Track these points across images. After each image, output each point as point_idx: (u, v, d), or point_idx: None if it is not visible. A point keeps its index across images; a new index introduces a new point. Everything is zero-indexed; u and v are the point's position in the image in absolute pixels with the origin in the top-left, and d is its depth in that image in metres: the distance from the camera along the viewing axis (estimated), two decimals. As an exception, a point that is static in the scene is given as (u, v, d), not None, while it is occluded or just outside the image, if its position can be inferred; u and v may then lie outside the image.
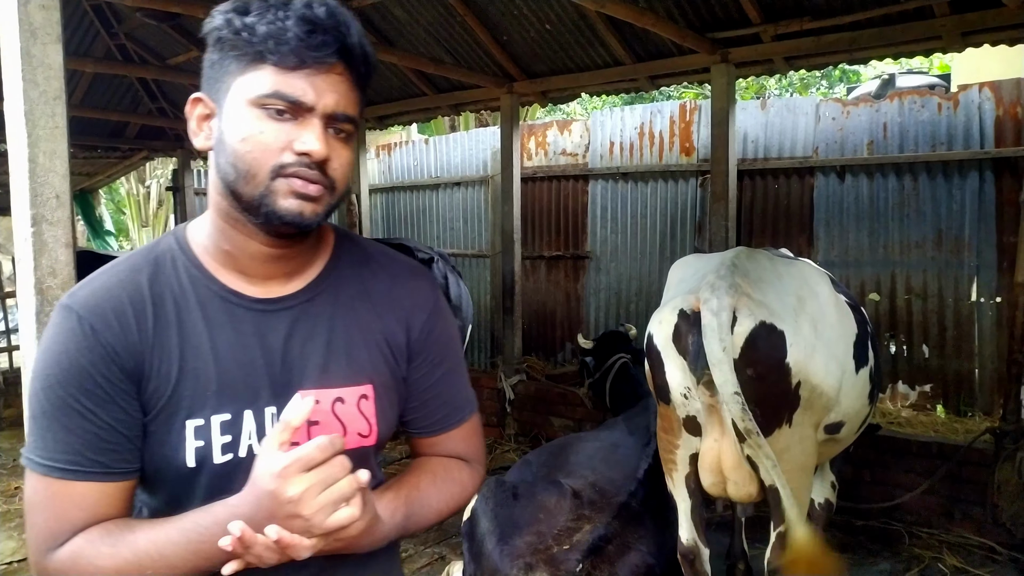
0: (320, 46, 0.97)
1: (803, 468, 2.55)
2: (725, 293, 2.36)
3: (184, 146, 9.11)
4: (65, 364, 1.00)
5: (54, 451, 0.99)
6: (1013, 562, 3.79)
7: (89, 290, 1.05)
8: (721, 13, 4.59)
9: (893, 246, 5.35)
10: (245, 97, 0.99)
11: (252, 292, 1.09)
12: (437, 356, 1.21)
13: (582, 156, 7.01)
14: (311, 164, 0.99)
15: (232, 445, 1.05)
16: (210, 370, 1.04)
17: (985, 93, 5.01)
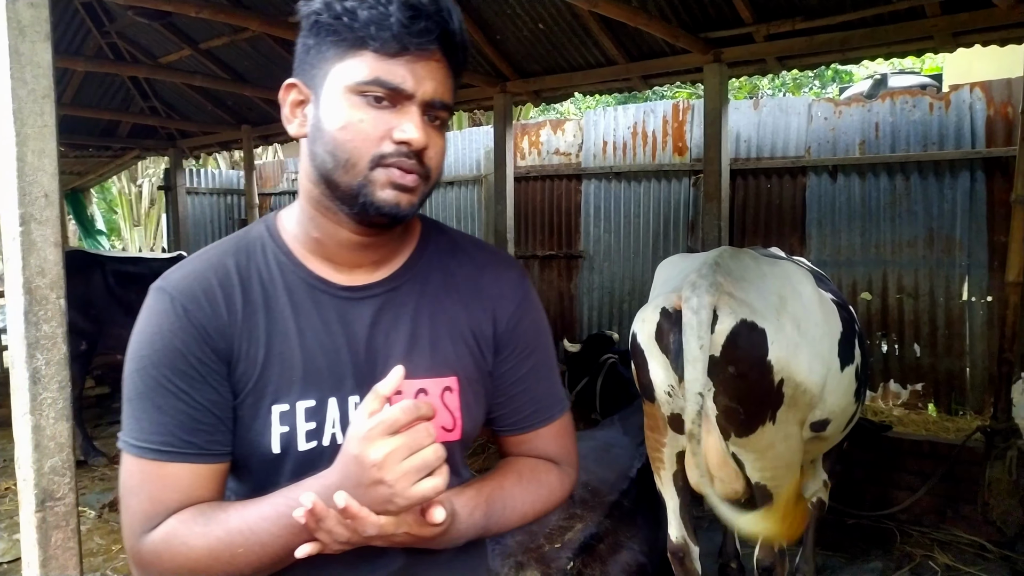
0: (422, 32, 0.96)
1: (788, 465, 2.57)
2: (706, 292, 2.39)
3: (176, 145, 9.09)
4: (158, 345, 1.00)
5: (148, 432, 0.99)
6: (1004, 560, 3.81)
7: (181, 273, 1.05)
8: (714, 13, 4.60)
9: (885, 245, 5.37)
10: (344, 84, 0.97)
11: (338, 280, 1.08)
12: (525, 349, 1.16)
13: (575, 155, 7.01)
14: (409, 153, 0.98)
15: (316, 433, 1.04)
16: (296, 356, 1.03)
17: (976, 93, 5.04)
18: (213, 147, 9.23)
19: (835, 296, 2.91)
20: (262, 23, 4.52)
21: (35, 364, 1.64)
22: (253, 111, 7.76)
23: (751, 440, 2.47)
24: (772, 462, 2.52)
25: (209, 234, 10.23)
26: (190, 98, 7.84)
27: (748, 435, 2.46)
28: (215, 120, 8.16)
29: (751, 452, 2.51)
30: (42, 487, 1.65)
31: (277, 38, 5.79)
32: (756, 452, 2.51)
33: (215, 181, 10.47)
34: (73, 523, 1.72)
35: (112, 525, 4.44)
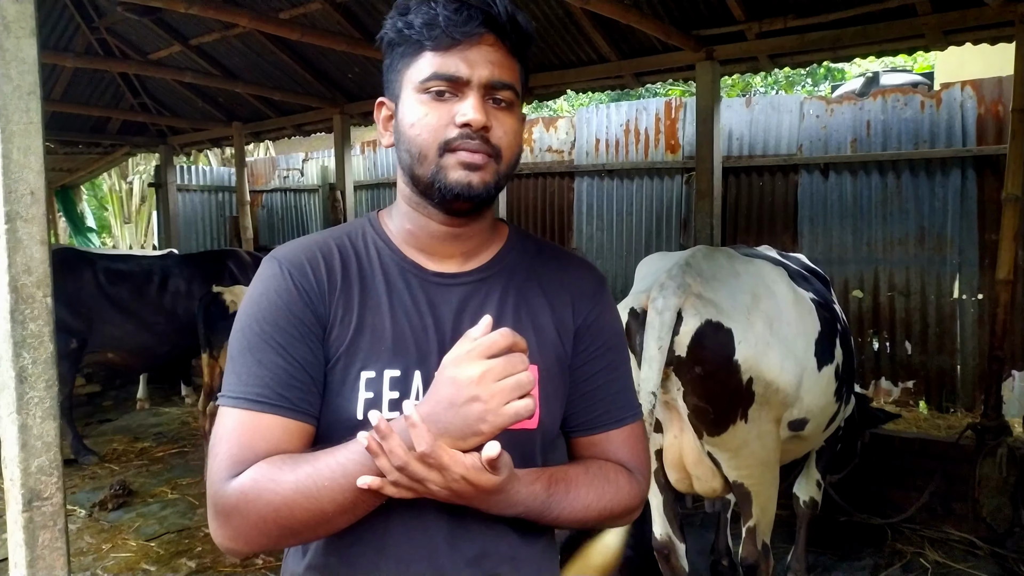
0: (467, 21, 1.03)
1: (764, 463, 2.58)
2: (672, 293, 2.45)
3: (166, 142, 9.04)
4: (264, 304, 1.08)
5: (247, 384, 1.05)
6: (993, 556, 3.83)
7: (291, 246, 1.16)
8: (705, 10, 4.60)
9: (876, 243, 5.38)
10: (411, 86, 1.07)
11: (430, 267, 1.15)
12: (599, 347, 1.20)
13: (568, 153, 7.01)
14: (472, 134, 1.04)
15: (399, 403, 1.07)
16: (386, 327, 1.10)
17: (967, 91, 5.05)
18: (204, 144, 9.18)
19: (817, 295, 2.91)
20: (252, 19, 4.49)
21: (22, 363, 1.63)
22: (244, 107, 7.72)
23: (723, 439, 2.50)
24: (747, 460, 2.54)
25: (200, 231, 10.19)
26: (180, 94, 7.79)
27: (720, 434, 2.49)
28: (206, 116, 8.12)
29: (725, 451, 2.53)
30: (29, 487, 1.64)
31: (268, 34, 5.76)
32: (730, 451, 2.52)
33: (206, 178, 10.42)
34: (60, 523, 1.71)
35: (102, 524, 4.42)
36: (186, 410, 6.98)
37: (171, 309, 5.85)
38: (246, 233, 7.92)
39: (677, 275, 2.51)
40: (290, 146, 11.15)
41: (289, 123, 7.55)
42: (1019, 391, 4.87)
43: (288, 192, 9.80)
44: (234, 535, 1.01)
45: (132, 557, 3.97)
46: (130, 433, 6.31)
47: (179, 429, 6.41)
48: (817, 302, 2.85)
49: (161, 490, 4.96)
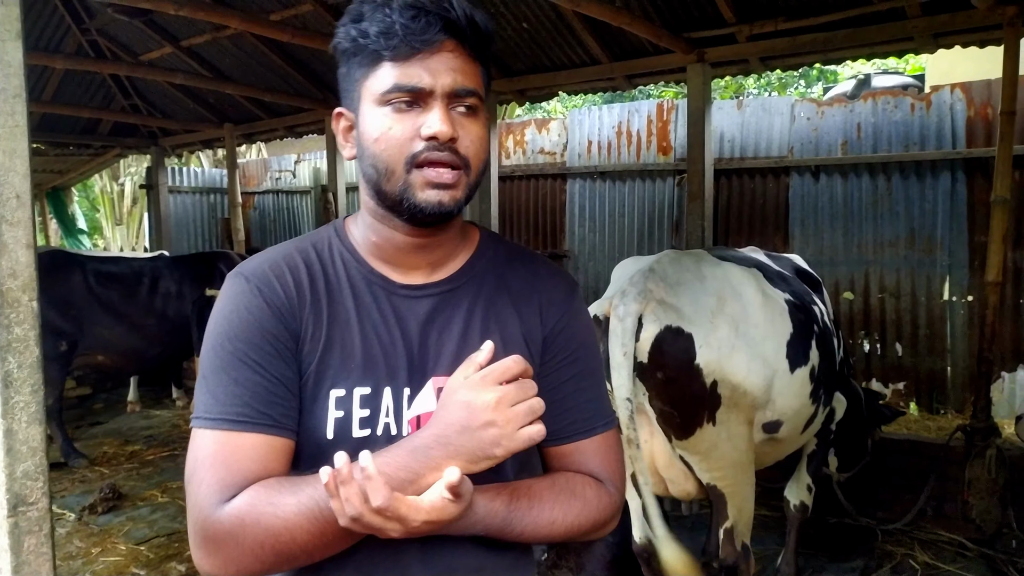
0: (425, 28, 0.99)
1: (736, 464, 2.59)
2: (633, 299, 2.47)
3: (157, 143, 9.01)
4: (235, 320, 1.05)
5: (224, 404, 1.02)
6: (983, 558, 3.84)
7: (256, 261, 1.12)
8: (697, 13, 4.61)
9: (867, 245, 5.40)
10: (372, 98, 1.03)
11: (397, 279, 1.12)
12: (568, 356, 1.17)
13: (560, 155, 7.01)
14: (440, 147, 1.00)
15: (370, 420, 1.06)
16: (356, 344, 1.07)
17: (957, 94, 5.08)
18: (195, 145, 9.16)
19: (794, 297, 2.89)
20: (242, 21, 4.48)
21: (7, 367, 1.62)
22: (236, 109, 7.70)
23: (692, 442, 2.51)
24: (718, 462, 2.55)
25: (192, 233, 10.16)
26: (172, 96, 7.77)
27: (688, 437, 2.50)
28: (197, 118, 8.09)
29: (695, 454, 2.55)
30: (14, 492, 1.63)
31: (259, 36, 5.75)
32: (699, 454, 2.54)
33: (198, 180, 10.39)
34: (46, 528, 1.69)
35: (91, 528, 4.39)
36: (177, 413, 6.95)
37: (162, 311, 5.83)
38: (238, 235, 7.90)
39: (639, 281, 2.54)
40: (282, 147, 11.13)
41: (281, 124, 7.53)
42: (1008, 393, 4.89)
43: (280, 194, 9.77)
44: (224, 563, 0.98)
45: (121, 561, 3.94)
46: (121, 436, 6.28)
47: (170, 432, 6.39)
48: (792, 303, 2.83)
49: (151, 493, 4.93)
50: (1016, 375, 4.87)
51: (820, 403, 2.96)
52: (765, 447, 2.78)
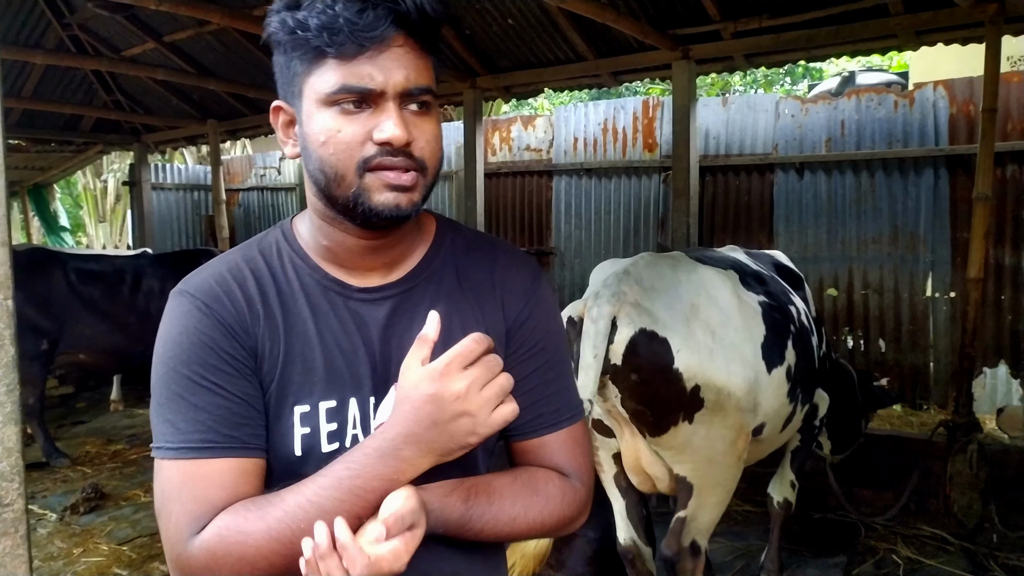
0: (374, 24, 0.92)
1: (710, 461, 2.58)
2: (606, 302, 2.47)
3: (140, 140, 8.93)
4: (185, 343, 0.98)
5: (185, 432, 0.96)
6: (964, 552, 3.87)
7: (200, 276, 1.05)
8: (682, 10, 4.61)
9: (850, 242, 5.43)
10: (316, 98, 0.95)
11: (353, 282, 1.06)
12: (533, 347, 1.11)
13: (546, 152, 7.00)
14: (394, 151, 0.94)
15: (338, 434, 1.02)
16: (316, 356, 1.02)
17: (939, 91, 5.11)
18: (179, 142, 9.08)
19: (769, 298, 2.88)
20: (225, 16, 4.44)
21: (-20, 367, 1.59)
22: (219, 105, 7.64)
23: (664, 439, 2.52)
24: (692, 456, 2.55)
25: (175, 230, 10.08)
26: (154, 92, 7.70)
27: (661, 435, 2.51)
28: (180, 114, 8.03)
29: (667, 449, 2.56)
30: (-11, 493, 1.61)
31: (243, 31, 5.70)
32: (672, 449, 2.55)
33: (181, 176, 10.31)
34: (23, 530, 1.67)
35: (73, 528, 4.35)
36: (161, 411, 6.89)
37: (145, 309, 5.78)
38: (222, 232, 7.85)
39: (613, 284, 2.53)
40: (267, 144, 11.05)
41: (265, 121, 7.42)
42: (990, 388, 4.94)
43: (265, 191, 9.72)
44: None
45: (104, 561, 3.91)
46: (103, 435, 6.23)
47: (153, 431, 6.33)
48: (767, 304, 2.83)
49: (134, 493, 4.89)
50: (997, 371, 4.91)
51: (798, 402, 2.96)
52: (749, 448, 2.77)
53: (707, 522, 2.65)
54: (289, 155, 1.05)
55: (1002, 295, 4.86)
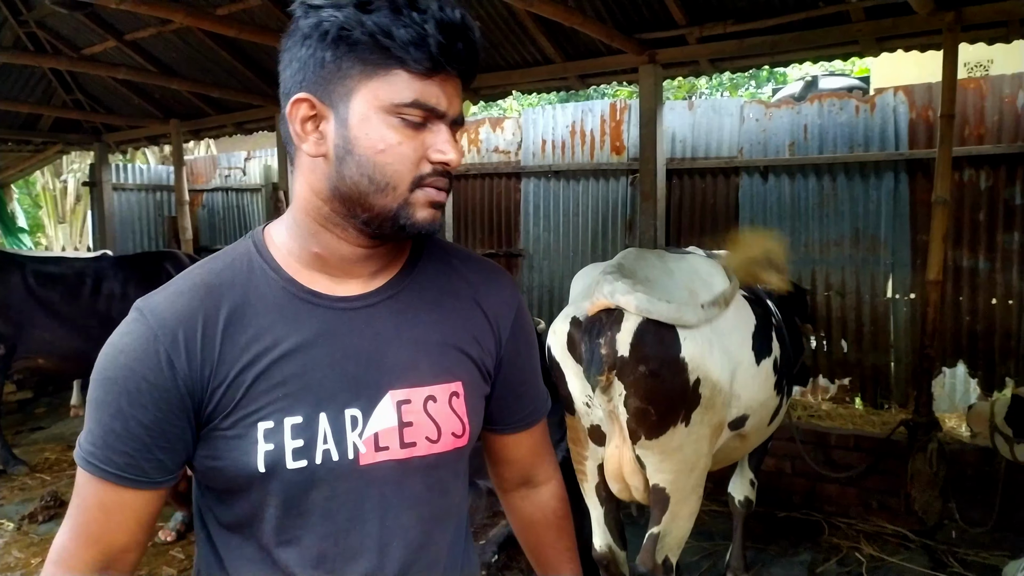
0: (458, 55, 0.95)
1: (692, 468, 2.53)
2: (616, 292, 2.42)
3: (101, 139, 8.76)
4: (120, 363, 0.99)
5: (91, 443, 1.00)
6: (924, 548, 3.95)
7: (163, 295, 1.03)
8: (648, 14, 4.64)
9: (813, 244, 5.51)
10: (379, 104, 0.95)
11: (332, 291, 1.05)
12: (524, 353, 1.23)
13: (514, 154, 7.01)
14: (445, 172, 1.00)
15: (305, 451, 1.00)
16: (282, 371, 1.01)
17: (899, 97, 5.20)
18: (141, 142, 8.92)
19: (747, 291, 2.89)
20: (188, 15, 4.37)
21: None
22: (182, 104, 7.53)
23: (660, 442, 2.43)
24: (677, 464, 2.48)
25: (137, 232, 9.90)
26: (116, 91, 7.56)
27: (658, 437, 2.42)
28: (142, 114, 7.89)
29: (656, 454, 2.46)
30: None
31: (206, 30, 5.62)
32: (662, 454, 2.46)
33: (143, 177, 10.12)
34: (-24, 542, 1.63)
35: (32, 538, 4.25)
36: (123, 416, 6.76)
37: (106, 313, 5.66)
38: (185, 234, 7.73)
39: (612, 273, 2.46)
40: (232, 144, 10.90)
41: (230, 121, 7.38)
42: (949, 388, 5.04)
43: (230, 191, 9.58)
44: None
45: (63, 571, 3.82)
46: (63, 441, 6.10)
47: (115, 436, 6.21)
48: (748, 297, 2.84)
49: (95, 500, 4.79)
50: (956, 370, 5.02)
51: (784, 394, 2.96)
52: (732, 443, 2.74)
53: (679, 537, 2.59)
54: (310, 152, 1.00)
55: (960, 296, 4.97)
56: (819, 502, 4.50)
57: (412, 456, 1.05)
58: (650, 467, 2.50)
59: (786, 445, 4.57)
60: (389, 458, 1.04)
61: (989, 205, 4.87)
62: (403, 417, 1.03)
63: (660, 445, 2.45)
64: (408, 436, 1.03)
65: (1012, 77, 4.87)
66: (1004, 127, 4.81)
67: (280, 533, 1.03)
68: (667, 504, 2.51)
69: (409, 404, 1.04)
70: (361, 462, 1.02)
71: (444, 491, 1.10)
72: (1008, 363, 4.84)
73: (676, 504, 2.52)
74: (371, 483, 1.03)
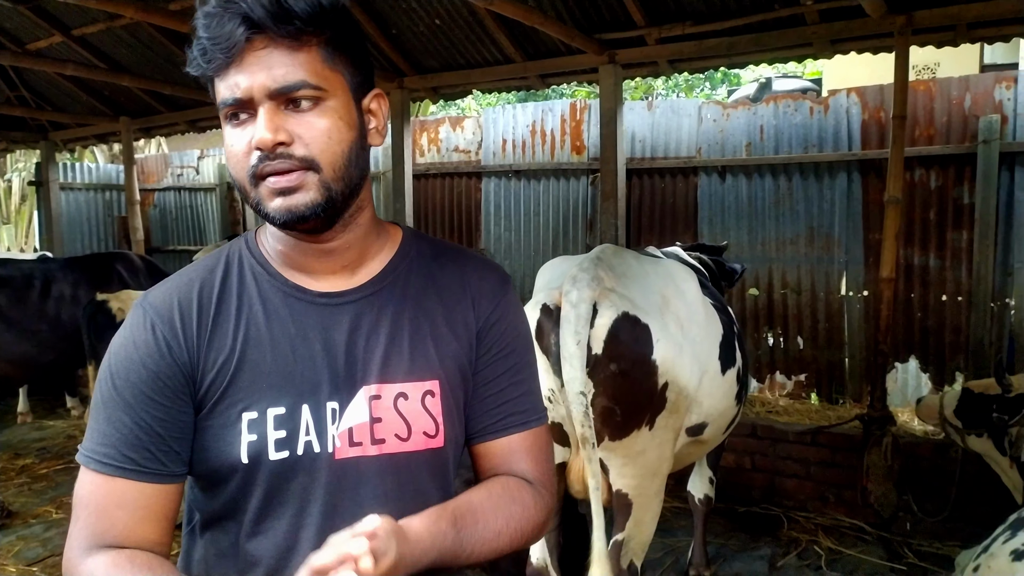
0: (228, 34, 0.93)
1: (655, 473, 2.51)
2: (586, 285, 2.34)
3: (47, 137, 8.50)
4: (122, 356, 1.03)
5: (97, 443, 1.01)
6: (880, 540, 4.04)
7: (161, 289, 1.08)
8: (608, 15, 4.66)
9: (770, 243, 5.60)
10: (221, 118, 1.01)
11: (315, 287, 1.08)
12: (504, 348, 1.16)
13: (475, 153, 6.98)
14: (269, 154, 0.96)
15: (287, 442, 1.02)
16: (267, 362, 1.03)
17: (852, 98, 5.31)
18: (89, 140, 8.67)
19: (715, 300, 2.89)
20: (138, 10, 4.25)
21: None
22: (133, 102, 7.33)
23: (624, 444, 2.39)
24: (640, 469, 2.45)
25: (86, 232, 9.62)
26: (62, 87, 7.33)
27: (622, 439, 2.38)
28: (91, 111, 7.66)
29: (620, 457, 2.42)
30: None
31: (157, 26, 5.48)
32: (625, 457, 2.42)
33: (92, 176, 9.84)
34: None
35: (-23, 550, 4.10)
36: (72, 423, 6.57)
37: (56, 316, 5.49)
38: (136, 234, 7.54)
39: (590, 268, 2.42)
40: (184, 142, 10.68)
41: (182, 119, 7.21)
42: (902, 382, 5.17)
43: (182, 191, 9.37)
44: None
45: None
46: (10, 449, 5.90)
47: (64, 444, 6.03)
48: (716, 306, 2.85)
49: (45, 510, 4.65)
50: (908, 365, 5.14)
51: (742, 403, 2.97)
52: (689, 448, 2.74)
53: (643, 542, 2.57)
54: None
55: (912, 293, 5.10)
56: (778, 496, 4.58)
57: (382, 453, 1.05)
58: (613, 471, 2.46)
59: (744, 441, 4.64)
60: (362, 454, 1.04)
61: (939, 204, 5.00)
62: (374, 413, 1.03)
63: (624, 448, 2.42)
64: (378, 432, 1.03)
65: (959, 80, 5.01)
66: (952, 128, 4.95)
67: (257, 524, 1.03)
68: (630, 510, 2.48)
69: (380, 400, 1.04)
70: (336, 456, 1.03)
71: (419, 492, 1.08)
72: (957, 358, 4.98)
73: (639, 509, 2.49)
74: (344, 477, 1.03)
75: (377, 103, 1.07)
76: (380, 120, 1.08)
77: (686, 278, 2.72)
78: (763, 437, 4.66)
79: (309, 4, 0.95)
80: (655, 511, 2.58)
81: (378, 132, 1.07)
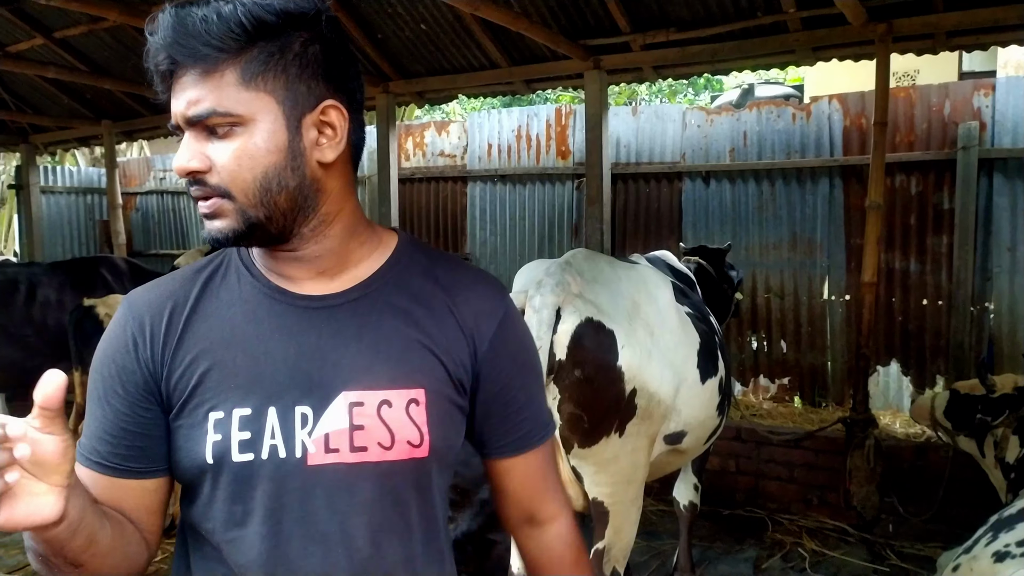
0: (156, 65, 0.97)
1: (629, 481, 2.49)
2: (550, 291, 2.33)
3: (28, 140, 8.41)
4: (99, 351, 1.07)
5: (85, 435, 1.06)
6: (863, 542, 4.08)
7: (145, 287, 1.11)
8: (593, 21, 4.69)
9: (753, 247, 5.65)
10: None
11: (298, 290, 1.07)
12: (517, 363, 1.15)
13: (460, 157, 6.99)
14: (191, 182, 0.99)
15: (251, 444, 1.00)
16: (236, 363, 1.02)
17: (834, 105, 5.37)
18: (70, 143, 8.60)
19: (693, 309, 2.84)
20: (121, 13, 4.23)
21: None
22: (115, 105, 7.28)
23: (593, 451, 2.37)
24: (613, 476, 2.42)
25: (67, 236, 9.53)
26: (44, 90, 7.26)
27: (591, 446, 2.36)
28: (72, 114, 7.60)
29: (591, 464, 2.40)
30: None
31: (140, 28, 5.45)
32: (597, 464, 2.40)
33: (73, 179, 9.75)
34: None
35: (-45, 558, 4.04)
36: (53, 429, 6.49)
37: (41, 321, 5.43)
38: (118, 238, 7.47)
39: (556, 273, 2.40)
40: (167, 146, 10.61)
41: (164, 122, 6.97)
42: (883, 385, 5.22)
43: (165, 194, 9.30)
44: None
45: (-9, 593, 3.65)
46: (-12, 456, 5.81)
47: (45, 450, 5.96)
48: (694, 315, 2.80)
49: (25, 517, 4.58)
50: (889, 369, 5.20)
51: (724, 414, 2.94)
52: (668, 457, 2.72)
53: (624, 548, 2.55)
54: None
55: (893, 297, 5.16)
56: (762, 499, 4.61)
57: (363, 461, 1.02)
58: (587, 479, 2.44)
59: (728, 444, 4.67)
60: (339, 461, 1.01)
61: (919, 209, 5.07)
62: (354, 420, 1.01)
63: (594, 455, 2.39)
64: (359, 440, 1.00)
65: (939, 87, 5.09)
66: (932, 134, 5.02)
67: (227, 531, 1.02)
68: (606, 518, 2.46)
69: (362, 407, 1.01)
70: (309, 462, 1.00)
71: (399, 502, 1.05)
72: (938, 361, 5.04)
73: (616, 517, 2.47)
74: (318, 485, 1.01)
75: (332, 115, 1.01)
76: (337, 132, 1.02)
77: (659, 284, 2.68)
78: (747, 440, 4.69)
79: (219, 28, 0.93)
80: (634, 518, 2.56)
81: (331, 146, 1.02)
